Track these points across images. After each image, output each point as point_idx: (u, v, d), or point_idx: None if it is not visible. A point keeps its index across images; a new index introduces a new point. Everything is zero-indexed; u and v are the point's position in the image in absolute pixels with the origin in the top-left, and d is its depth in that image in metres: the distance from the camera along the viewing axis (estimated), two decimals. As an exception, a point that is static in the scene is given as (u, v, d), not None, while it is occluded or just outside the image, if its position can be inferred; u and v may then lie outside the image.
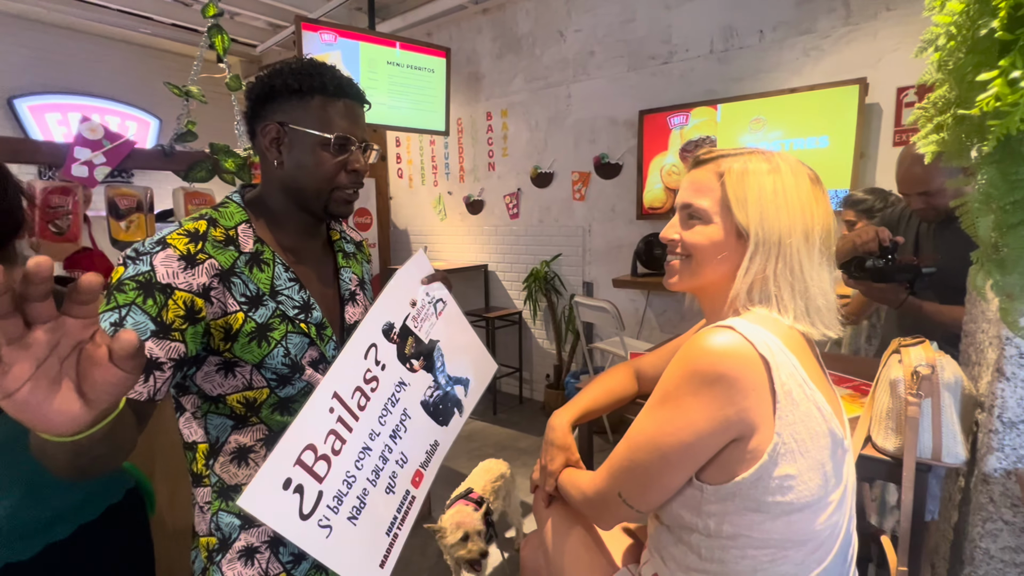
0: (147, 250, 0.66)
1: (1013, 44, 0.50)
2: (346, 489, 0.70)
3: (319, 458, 0.67)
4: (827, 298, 0.68)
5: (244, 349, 0.71)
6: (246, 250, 0.74)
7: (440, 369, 0.91)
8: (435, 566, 1.94)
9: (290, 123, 0.74)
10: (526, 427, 3.24)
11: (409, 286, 0.86)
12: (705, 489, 0.65)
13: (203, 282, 0.67)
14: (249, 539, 0.76)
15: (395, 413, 0.79)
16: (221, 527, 0.76)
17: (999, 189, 0.56)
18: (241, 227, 0.75)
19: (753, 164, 0.69)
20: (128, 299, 0.62)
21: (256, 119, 0.77)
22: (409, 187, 4.30)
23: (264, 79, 0.75)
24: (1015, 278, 0.56)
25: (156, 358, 0.64)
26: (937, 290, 1.47)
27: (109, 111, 4.20)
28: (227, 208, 0.77)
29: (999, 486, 0.90)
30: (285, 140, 0.75)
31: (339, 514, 0.68)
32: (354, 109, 0.78)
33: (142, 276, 0.64)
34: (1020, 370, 0.85)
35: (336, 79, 0.76)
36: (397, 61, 2.49)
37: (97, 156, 1.55)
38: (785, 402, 0.61)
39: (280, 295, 0.75)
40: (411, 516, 0.82)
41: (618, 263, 3.21)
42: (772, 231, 0.66)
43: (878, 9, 2.23)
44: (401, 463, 0.81)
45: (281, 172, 0.77)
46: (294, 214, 0.80)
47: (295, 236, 0.81)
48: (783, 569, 0.65)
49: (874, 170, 2.33)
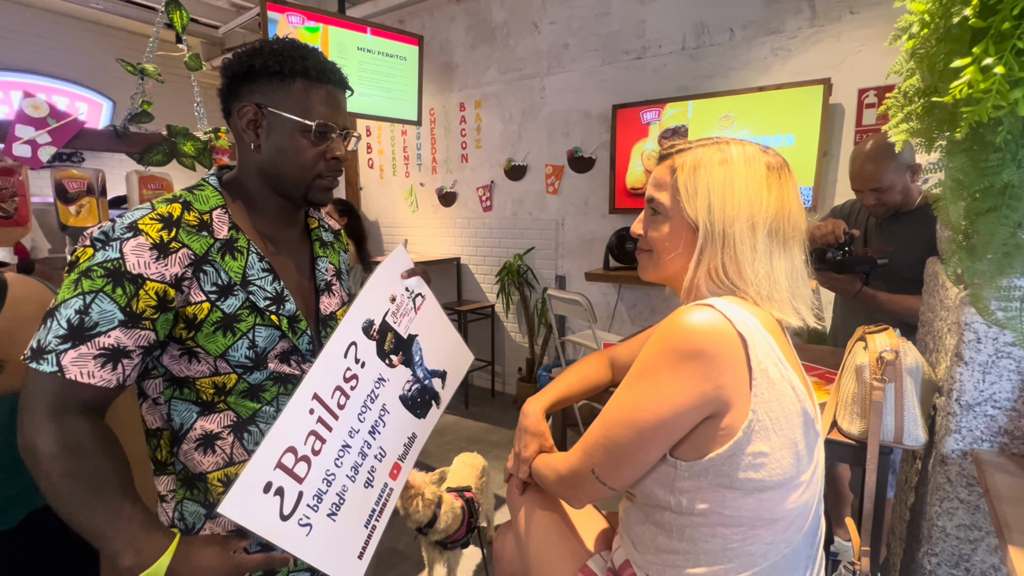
0: (117, 235, 0.63)
1: (985, 32, 0.51)
2: (326, 488, 0.70)
3: (299, 460, 0.66)
4: (778, 286, 0.67)
5: (207, 339, 0.70)
6: (220, 236, 0.71)
7: (418, 363, 0.91)
8: (405, 562, 1.91)
9: (269, 106, 0.72)
10: (498, 420, 3.23)
11: (389, 281, 0.86)
12: (679, 465, 0.65)
13: (176, 272, 0.66)
14: (215, 529, 0.74)
15: (374, 409, 0.79)
16: (185, 516, 0.74)
17: (969, 176, 0.57)
18: (216, 212, 0.73)
19: (706, 156, 0.69)
20: (96, 286, 0.61)
21: (232, 98, 0.74)
22: (380, 178, 4.21)
23: (243, 56, 0.73)
24: (985, 264, 0.57)
25: (124, 347, 0.63)
26: (887, 280, 1.56)
27: (57, 91, 3.95)
28: (203, 191, 0.74)
29: (956, 466, 0.94)
30: (263, 123, 0.73)
31: (319, 512, 0.68)
32: (336, 96, 0.76)
33: (111, 263, 0.62)
34: (977, 354, 0.88)
35: (319, 63, 0.74)
36: (368, 47, 2.43)
37: (41, 135, 1.45)
38: (761, 380, 0.61)
39: (251, 285, 0.73)
40: (389, 507, 0.81)
41: (590, 256, 3.23)
42: (717, 222, 0.67)
43: (842, 12, 2.30)
44: (380, 457, 0.80)
45: (258, 156, 0.75)
46: (271, 199, 0.78)
47: (272, 222, 0.79)
48: (753, 548, 0.66)
49: (837, 168, 2.41)
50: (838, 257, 1.50)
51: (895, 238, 1.61)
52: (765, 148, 0.71)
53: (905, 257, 1.52)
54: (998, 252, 0.58)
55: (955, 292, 0.94)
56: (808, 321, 0.69)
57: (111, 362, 0.62)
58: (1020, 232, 0.58)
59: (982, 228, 0.57)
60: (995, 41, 0.51)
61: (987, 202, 0.56)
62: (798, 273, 0.69)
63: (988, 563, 0.94)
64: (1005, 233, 0.57)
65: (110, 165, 1.77)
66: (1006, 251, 0.58)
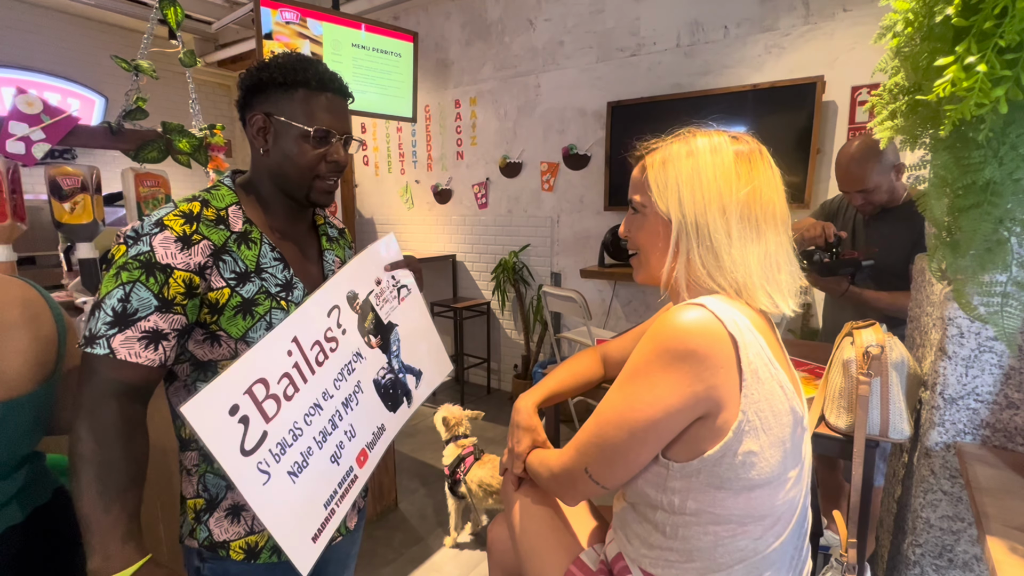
0: (146, 231, 0.71)
1: (968, 30, 0.52)
2: (291, 440, 0.70)
3: (269, 396, 0.68)
4: (750, 272, 0.66)
5: (229, 322, 0.76)
6: (236, 229, 0.79)
7: (395, 353, 0.93)
8: (400, 558, 1.92)
9: (276, 114, 0.79)
10: (494, 417, 3.24)
11: (376, 265, 0.89)
12: (671, 466, 0.66)
13: (199, 261, 0.73)
14: (236, 498, 0.81)
15: (350, 381, 0.82)
16: (208, 487, 0.81)
17: (952, 173, 0.58)
18: (231, 208, 0.80)
19: (673, 150, 0.70)
20: (133, 277, 0.69)
21: (246, 108, 0.82)
22: (375, 175, 4.20)
23: (254, 71, 0.81)
24: (967, 260, 0.59)
25: (162, 329, 0.70)
26: (874, 276, 1.60)
27: (49, 87, 3.91)
28: (219, 191, 0.82)
29: (939, 459, 0.96)
30: (271, 130, 0.80)
31: (280, 464, 0.69)
32: (336, 103, 0.83)
33: (143, 256, 0.69)
34: (960, 349, 0.90)
35: (320, 74, 0.80)
36: (363, 44, 2.42)
37: (35, 132, 1.44)
38: (751, 380, 0.62)
39: (264, 272, 0.80)
40: (350, 495, 0.81)
41: (585, 253, 3.24)
42: (688, 213, 0.67)
43: (836, 9, 2.32)
44: (349, 435, 0.81)
45: (267, 160, 0.82)
46: (280, 198, 0.85)
47: (282, 218, 0.87)
48: (742, 543, 0.67)
49: (829, 165, 2.43)
50: (825, 260, 1.54)
51: (881, 235, 1.65)
52: (736, 135, 0.71)
53: (891, 253, 1.55)
54: (980, 248, 0.60)
55: (940, 288, 0.96)
56: (783, 309, 0.68)
57: (152, 343, 0.69)
58: (1002, 228, 0.59)
59: (965, 224, 0.58)
60: (977, 40, 0.52)
61: (970, 199, 0.57)
62: (772, 259, 0.68)
63: (970, 553, 0.96)
64: (987, 229, 0.58)
65: (104, 162, 1.76)
66: (988, 247, 0.59)
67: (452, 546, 1.99)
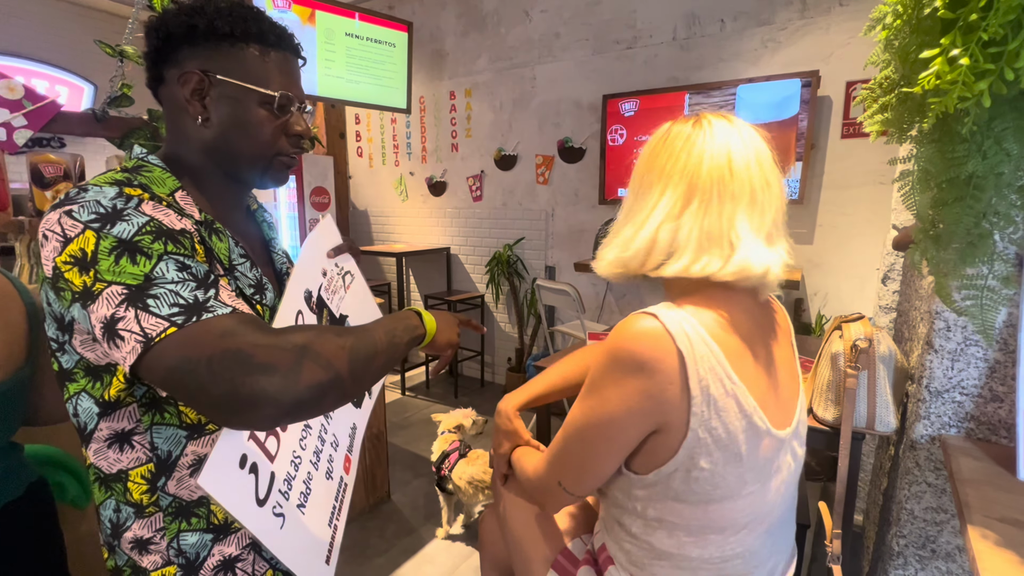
0: (123, 206, 0.54)
1: (954, 23, 0.52)
2: (293, 471, 0.69)
3: (269, 433, 0.66)
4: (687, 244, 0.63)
5: None
6: (197, 219, 0.62)
7: None
8: (393, 549, 1.93)
9: (218, 73, 0.63)
10: (487, 410, 3.24)
11: (320, 254, 0.82)
12: (631, 478, 0.67)
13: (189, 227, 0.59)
14: (226, 550, 0.66)
15: None
16: (185, 550, 0.64)
17: (936, 167, 0.58)
18: (178, 194, 0.62)
19: (643, 147, 0.72)
20: (163, 249, 0.53)
21: (166, 62, 0.64)
22: (369, 166, 4.17)
23: (179, 15, 0.62)
24: (950, 253, 0.59)
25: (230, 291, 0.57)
26: None
27: (37, 74, 3.85)
28: (151, 173, 0.62)
29: (924, 451, 0.97)
30: (211, 93, 0.63)
31: (289, 500, 0.67)
32: (293, 64, 0.69)
33: (149, 226, 0.53)
34: (947, 342, 0.91)
35: (274, 27, 0.66)
36: (356, 33, 2.39)
37: (17, 118, 1.42)
38: (701, 398, 0.59)
39: (236, 271, 0.66)
40: (345, 506, 0.81)
41: (580, 247, 3.24)
42: (640, 197, 0.69)
43: (832, 4, 2.31)
44: (334, 445, 0.81)
45: (205, 131, 0.65)
46: (219, 180, 0.68)
47: (222, 206, 0.69)
48: (707, 551, 0.68)
49: (824, 160, 2.43)
50: None
51: None
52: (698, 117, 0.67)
53: None
54: (962, 241, 0.60)
55: (928, 282, 0.96)
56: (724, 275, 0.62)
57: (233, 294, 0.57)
58: (984, 222, 0.59)
59: (947, 218, 0.58)
60: (963, 32, 0.52)
61: (953, 192, 0.57)
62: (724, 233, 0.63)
63: (953, 544, 0.97)
64: (969, 223, 0.59)
65: (90, 149, 1.74)
66: (970, 240, 0.59)
67: (444, 537, 2.00)
